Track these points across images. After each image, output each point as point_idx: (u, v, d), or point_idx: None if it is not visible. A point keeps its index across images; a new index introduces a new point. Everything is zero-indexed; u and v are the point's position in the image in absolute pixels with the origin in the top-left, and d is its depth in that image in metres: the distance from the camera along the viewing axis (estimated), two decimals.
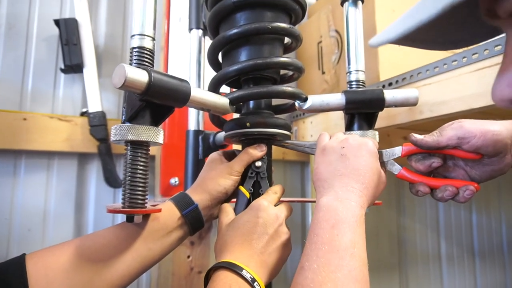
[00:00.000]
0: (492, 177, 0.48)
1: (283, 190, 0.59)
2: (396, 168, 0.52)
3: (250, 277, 0.44)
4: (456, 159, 0.51)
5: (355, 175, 0.47)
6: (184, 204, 0.53)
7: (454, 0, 0.21)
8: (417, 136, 0.48)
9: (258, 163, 0.58)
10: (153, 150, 0.89)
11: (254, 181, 0.58)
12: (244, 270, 0.44)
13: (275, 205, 0.54)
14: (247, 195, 0.57)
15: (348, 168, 0.47)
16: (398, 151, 0.52)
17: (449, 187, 0.47)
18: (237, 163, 0.57)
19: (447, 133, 0.47)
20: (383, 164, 0.53)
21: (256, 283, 0.44)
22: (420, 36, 0.28)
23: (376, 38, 0.29)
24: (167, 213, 0.52)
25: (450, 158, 0.51)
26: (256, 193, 0.58)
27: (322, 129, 1.06)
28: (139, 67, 0.45)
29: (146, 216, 0.50)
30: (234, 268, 0.44)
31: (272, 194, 0.56)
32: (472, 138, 0.45)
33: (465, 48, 0.86)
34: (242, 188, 0.57)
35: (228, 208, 0.56)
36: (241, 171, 0.57)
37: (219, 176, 0.56)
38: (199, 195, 0.55)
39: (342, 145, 0.50)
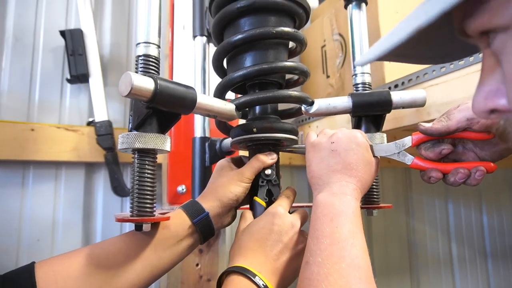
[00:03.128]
0: (503, 156, 0.47)
1: (295, 193, 0.59)
2: (409, 159, 0.50)
3: (263, 284, 0.44)
4: (465, 142, 0.50)
5: (347, 169, 0.48)
6: (195, 212, 0.53)
7: (421, 25, 0.23)
8: (425, 125, 0.48)
9: (268, 171, 0.58)
10: (159, 158, 0.89)
11: (267, 189, 0.58)
12: (257, 277, 0.44)
13: (290, 211, 0.54)
14: (264, 204, 0.56)
15: (340, 163, 0.49)
16: (408, 141, 0.51)
17: (461, 169, 0.46)
18: (248, 169, 0.57)
19: (455, 116, 0.46)
20: (372, 148, 0.52)
21: None
22: (407, 52, 0.30)
23: (362, 57, 0.30)
24: (178, 221, 0.52)
25: (459, 142, 0.50)
26: (269, 201, 0.57)
27: None
28: (145, 75, 0.45)
29: (154, 225, 0.50)
30: (247, 274, 0.44)
31: (285, 199, 0.55)
32: None
33: None
34: (257, 199, 0.57)
35: (248, 215, 0.55)
36: (252, 177, 0.57)
37: (229, 183, 0.55)
38: (209, 203, 0.54)
39: (332, 140, 0.51)
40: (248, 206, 0.59)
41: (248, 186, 0.56)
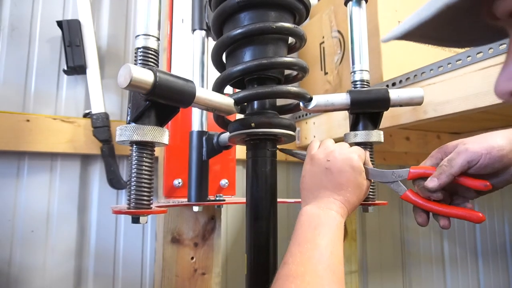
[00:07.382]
0: (498, 188, 0.48)
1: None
2: (402, 189, 0.53)
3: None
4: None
5: (337, 189, 0.50)
6: None
7: (449, 1, 0.23)
8: (433, 185, 0.47)
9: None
10: (156, 152, 0.88)
11: None
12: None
13: None
14: None
15: (331, 182, 0.51)
16: (405, 173, 0.52)
17: (447, 221, 0.50)
18: None
19: (457, 162, 0.46)
20: (367, 171, 0.54)
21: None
22: (433, 33, 0.29)
23: (388, 34, 0.30)
24: None
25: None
26: None
27: (325, 129, 1.06)
28: (144, 67, 0.45)
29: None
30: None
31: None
32: (479, 158, 0.45)
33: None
34: None
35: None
36: None
37: None
38: None
39: (328, 158, 0.52)
40: None
41: None
